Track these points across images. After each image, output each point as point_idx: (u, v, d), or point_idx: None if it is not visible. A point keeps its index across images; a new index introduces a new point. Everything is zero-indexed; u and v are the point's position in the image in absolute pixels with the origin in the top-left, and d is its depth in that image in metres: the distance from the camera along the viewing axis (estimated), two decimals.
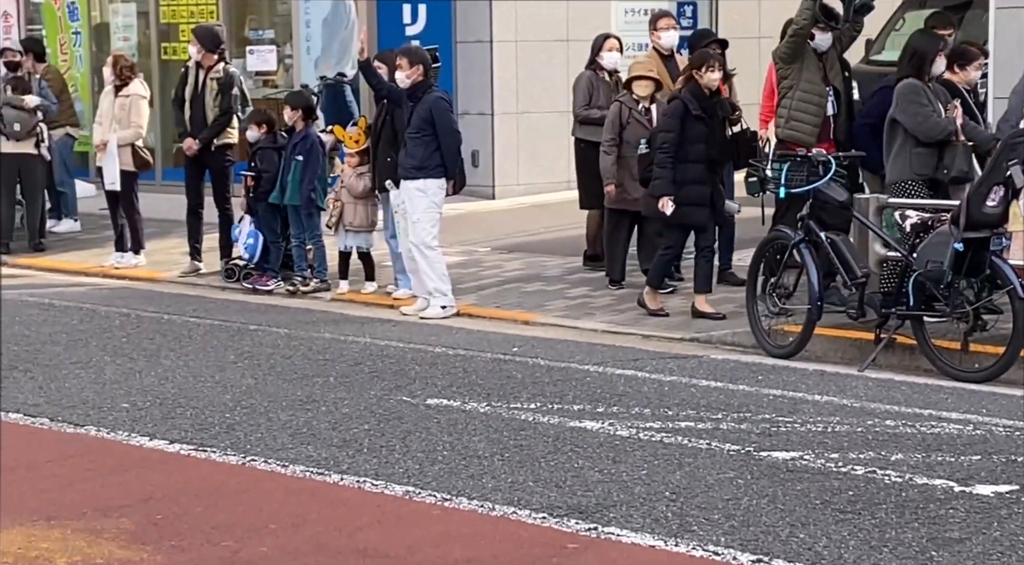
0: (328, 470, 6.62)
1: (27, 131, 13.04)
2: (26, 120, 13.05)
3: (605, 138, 10.78)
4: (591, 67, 11.58)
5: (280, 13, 15.98)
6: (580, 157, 11.65)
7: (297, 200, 11.32)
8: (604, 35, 11.74)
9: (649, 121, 10.64)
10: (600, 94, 11.44)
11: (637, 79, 10.73)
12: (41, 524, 5.84)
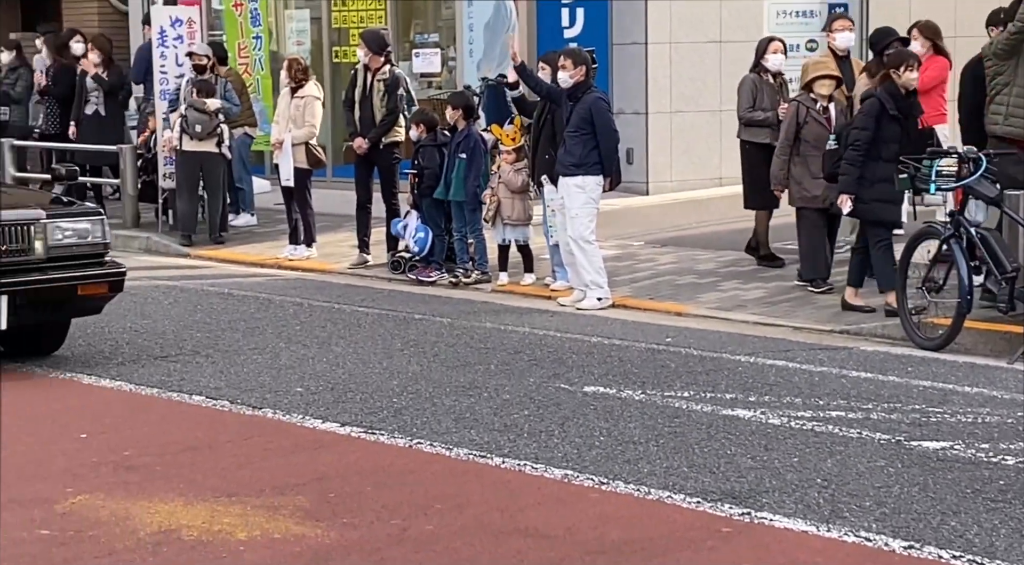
0: (490, 453, 6.84)
1: (208, 132, 13.53)
2: (207, 122, 13.48)
3: (780, 138, 10.80)
4: (755, 70, 11.67)
5: (444, 17, 16.28)
6: (745, 158, 11.75)
7: (462, 196, 11.62)
8: (768, 38, 11.85)
9: (828, 120, 10.67)
10: (764, 96, 11.52)
11: (820, 78, 10.73)
12: (223, 500, 6.09)
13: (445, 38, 16.10)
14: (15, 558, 5.43)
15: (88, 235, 8.74)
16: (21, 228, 8.44)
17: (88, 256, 8.74)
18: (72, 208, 9.03)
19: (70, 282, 8.59)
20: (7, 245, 8.38)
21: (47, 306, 8.62)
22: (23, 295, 8.39)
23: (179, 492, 6.23)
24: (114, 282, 8.83)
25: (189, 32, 14.80)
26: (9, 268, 8.35)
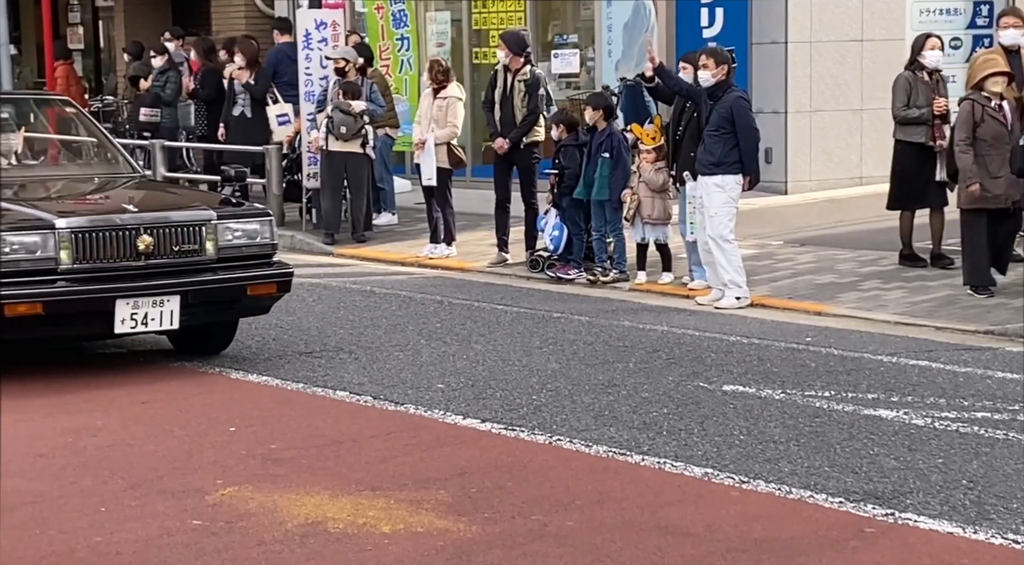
0: (630, 451, 6.87)
1: (353, 133, 13.71)
2: (351, 124, 13.66)
3: (959, 137, 10.58)
4: (910, 67, 11.53)
5: (583, 18, 16.32)
6: (898, 158, 11.59)
7: (604, 195, 11.64)
8: (925, 34, 11.69)
9: (1004, 117, 10.50)
10: (919, 94, 11.36)
11: (991, 76, 10.52)
12: (367, 494, 6.19)
13: (584, 39, 16.14)
14: (169, 547, 5.59)
15: (257, 236, 8.81)
16: (193, 229, 8.53)
17: (257, 256, 8.82)
18: (241, 209, 9.09)
19: (240, 282, 8.67)
20: (179, 245, 8.46)
21: (217, 306, 8.72)
22: (194, 295, 8.48)
23: (325, 485, 6.35)
24: (282, 282, 8.90)
25: (333, 35, 15.03)
26: (181, 268, 8.47)
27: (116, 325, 8.23)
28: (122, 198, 9.07)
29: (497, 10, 16.61)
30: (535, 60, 13.34)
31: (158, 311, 8.32)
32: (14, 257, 7.99)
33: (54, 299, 8.05)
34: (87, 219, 8.28)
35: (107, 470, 6.60)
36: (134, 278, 8.29)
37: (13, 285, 7.95)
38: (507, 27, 15.62)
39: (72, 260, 8.10)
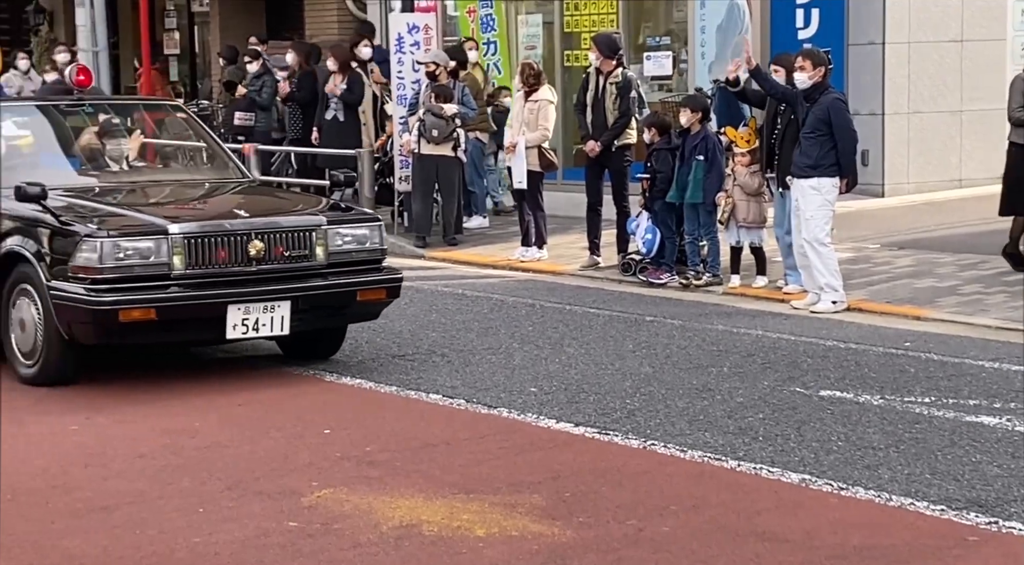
0: (725, 456, 6.82)
1: (444, 136, 13.75)
2: (443, 127, 13.72)
3: None
4: None
5: (676, 20, 16.24)
6: (1011, 162, 11.38)
7: (698, 198, 11.57)
8: None
9: None
10: None
11: None
12: (461, 497, 6.18)
13: (676, 40, 16.05)
14: (266, 548, 5.62)
15: (367, 241, 8.76)
16: (303, 234, 8.49)
17: (367, 262, 8.77)
18: (351, 214, 8.98)
19: (350, 287, 8.62)
20: (290, 251, 8.43)
21: (327, 311, 8.69)
22: (305, 300, 8.45)
23: (419, 488, 6.36)
24: (392, 287, 8.84)
25: (425, 39, 15.08)
26: (292, 274, 8.43)
27: (228, 331, 8.24)
28: (233, 203, 9.12)
29: (589, 12, 16.58)
30: (627, 62, 13.29)
31: (269, 317, 8.31)
32: (128, 263, 8.01)
33: (167, 305, 8.06)
34: (199, 224, 8.29)
35: (205, 471, 6.66)
36: (245, 284, 8.29)
37: (127, 290, 7.98)
38: (599, 29, 15.58)
39: (185, 266, 8.11)
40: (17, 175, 8.78)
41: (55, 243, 8.22)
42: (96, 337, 8.10)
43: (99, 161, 9.50)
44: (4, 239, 8.48)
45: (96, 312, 7.91)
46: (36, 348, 8.32)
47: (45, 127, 9.84)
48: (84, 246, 8.00)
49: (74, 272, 8.01)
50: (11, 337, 8.47)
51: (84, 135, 9.68)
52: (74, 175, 9.36)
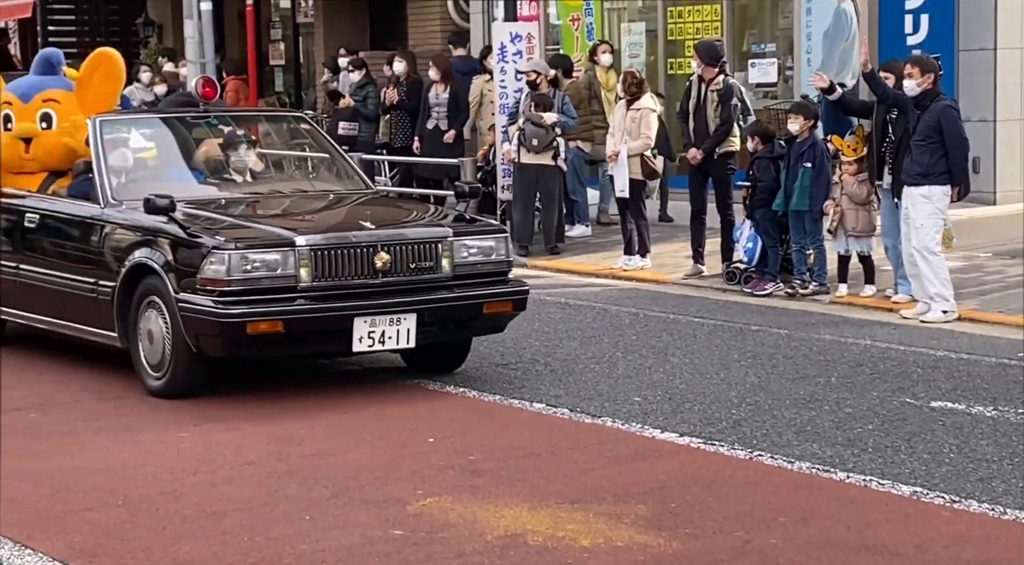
0: (834, 467, 6.73)
1: (544, 145, 13.77)
2: (543, 136, 13.72)
3: None
4: None
5: (781, 27, 16.09)
6: None
7: (805, 206, 11.46)
8: None
9: None
10: None
11: None
12: (566, 507, 6.16)
13: (782, 47, 15.92)
14: (371, 556, 5.64)
15: (492, 252, 8.65)
16: (429, 246, 8.39)
17: (493, 274, 8.66)
18: (476, 226, 8.89)
19: (476, 300, 8.52)
20: (416, 263, 8.33)
21: (454, 324, 8.61)
22: (431, 313, 8.36)
23: (523, 497, 6.35)
24: (518, 300, 8.73)
25: (528, 47, 15.10)
26: (417, 286, 8.35)
27: (354, 343, 8.16)
28: (358, 215, 9.04)
29: (693, 20, 16.49)
30: (731, 70, 13.19)
31: (395, 329, 8.22)
32: (255, 275, 7.97)
33: (295, 317, 8.01)
34: (325, 236, 8.23)
35: (311, 479, 6.70)
36: (371, 296, 8.21)
37: (254, 303, 7.96)
38: (703, 37, 15.49)
39: (311, 278, 8.05)
40: (143, 187, 8.84)
41: (183, 255, 8.20)
42: (224, 349, 8.10)
43: (223, 173, 9.48)
44: (132, 251, 8.50)
45: (224, 324, 7.91)
46: (164, 360, 8.30)
47: (169, 139, 9.87)
48: (212, 258, 7.98)
49: (202, 284, 8.00)
50: (139, 349, 8.47)
51: (207, 147, 9.64)
52: (198, 187, 9.35)
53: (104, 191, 8.94)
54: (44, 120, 9.86)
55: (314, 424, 7.73)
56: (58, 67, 10.10)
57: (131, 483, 6.65)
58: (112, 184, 8.98)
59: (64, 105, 9.94)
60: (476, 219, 9.18)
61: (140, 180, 9.19)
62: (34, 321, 9.47)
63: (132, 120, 10.03)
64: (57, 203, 9.49)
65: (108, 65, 9.85)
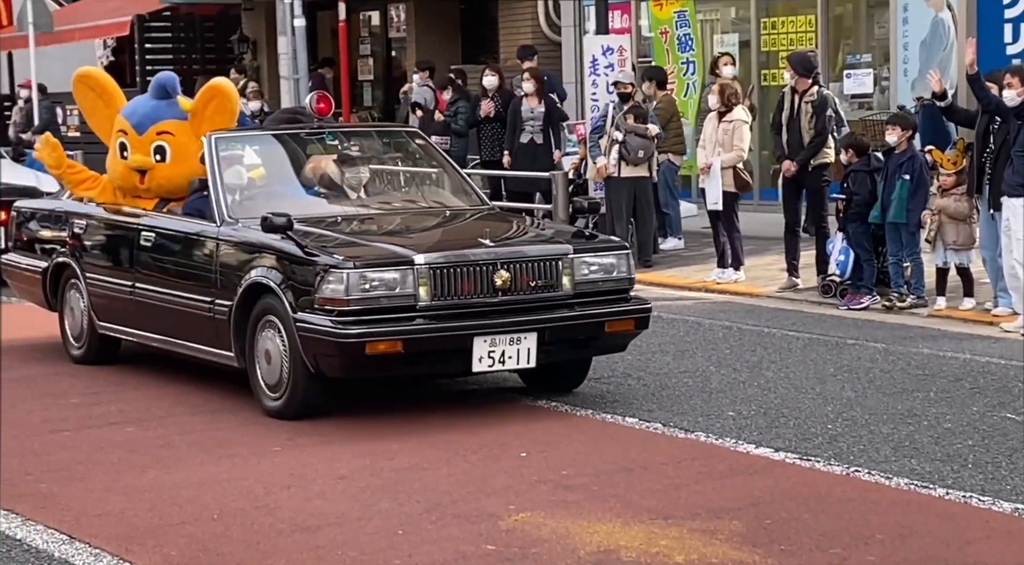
0: (933, 484, 6.64)
1: (648, 156, 13.72)
2: (648, 147, 13.69)
3: None
4: None
5: (877, 37, 15.94)
6: None
7: (902, 218, 11.32)
8: None
9: None
10: None
11: None
12: (659, 522, 6.13)
13: (878, 58, 15.75)
14: None
15: (614, 270, 8.45)
16: (549, 263, 8.20)
17: (614, 291, 8.45)
18: (597, 242, 8.70)
19: (598, 318, 8.31)
20: (536, 281, 8.15)
21: (574, 343, 8.41)
22: (552, 332, 8.16)
23: (616, 513, 6.31)
24: (640, 318, 8.52)
25: (620, 60, 15.07)
26: (538, 304, 8.17)
27: (474, 363, 8.00)
28: (476, 231, 8.80)
29: (787, 31, 16.37)
30: (826, 81, 13.06)
31: (515, 349, 8.04)
32: (374, 294, 7.84)
33: (414, 337, 7.86)
34: (444, 254, 8.07)
35: (404, 493, 6.71)
36: (491, 315, 8.05)
37: (373, 322, 7.81)
38: (797, 48, 15.37)
39: (430, 297, 7.91)
40: (258, 205, 8.77)
41: (300, 274, 8.05)
42: (342, 370, 7.97)
43: (337, 189, 9.30)
44: (249, 270, 8.38)
45: (342, 345, 7.77)
46: (282, 381, 8.17)
47: (283, 156, 9.74)
48: (330, 277, 7.84)
49: (320, 304, 7.86)
50: (256, 369, 8.34)
51: (321, 163, 9.46)
52: (313, 204, 9.14)
53: (220, 209, 8.84)
54: (158, 152, 9.66)
55: (407, 439, 7.75)
56: (173, 93, 9.80)
57: (226, 497, 6.70)
58: (228, 202, 8.88)
59: (178, 137, 9.67)
60: (595, 235, 8.99)
61: (255, 197, 9.11)
62: (149, 340, 9.39)
63: (246, 137, 9.89)
64: (173, 221, 9.36)
65: (221, 98, 9.62)
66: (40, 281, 10.39)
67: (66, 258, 10.09)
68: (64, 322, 10.20)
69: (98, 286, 9.73)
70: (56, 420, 8.34)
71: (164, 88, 9.83)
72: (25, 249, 10.77)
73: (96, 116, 10.28)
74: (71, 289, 10.09)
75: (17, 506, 6.62)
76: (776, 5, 16.61)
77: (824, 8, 15.98)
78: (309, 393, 8.14)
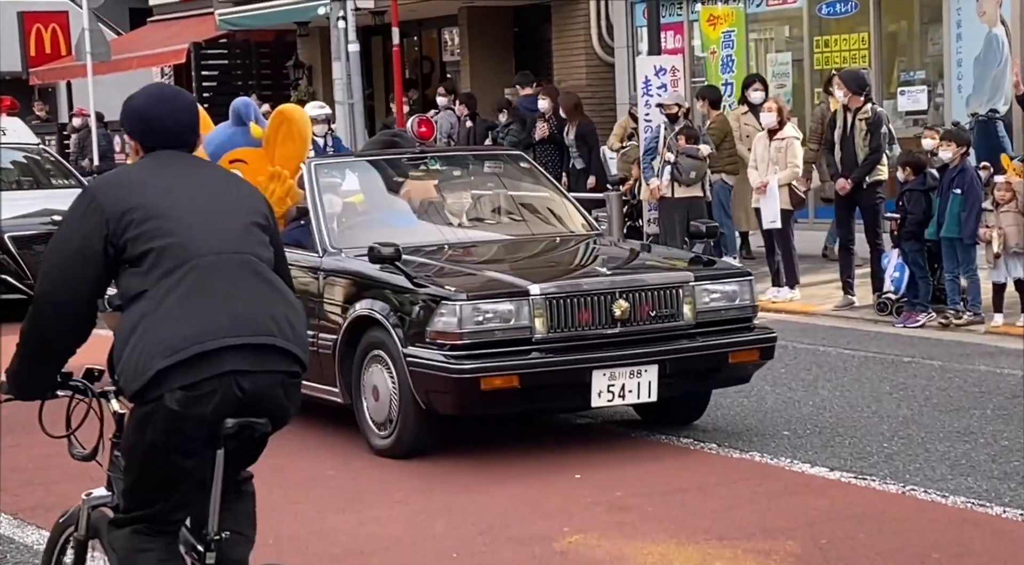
0: (990, 502, 6.59)
1: (701, 176, 13.73)
2: (700, 167, 13.69)
3: None
4: None
5: (931, 53, 15.85)
6: None
7: (955, 232, 11.27)
8: None
9: None
10: None
11: None
12: (714, 543, 6.11)
13: (932, 74, 15.67)
14: None
15: (736, 297, 8.02)
16: (669, 292, 7.78)
17: (737, 320, 8.03)
18: (718, 269, 8.31)
19: (721, 349, 7.90)
20: (656, 310, 7.74)
21: (696, 376, 8.02)
22: (673, 364, 7.74)
23: (670, 533, 6.31)
24: (765, 348, 8.07)
25: (672, 81, 15.08)
26: (658, 335, 7.77)
27: (592, 398, 7.59)
28: (589, 259, 8.51)
29: (840, 49, 16.32)
30: (880, 99, 13.00)
31: (635, 382, 7.63)
32: (488, 326, 7.44)
33: (530, 371, 7.45)
34: (560, 284, 7.68)
35: (458, 516, 6.73)
36: (609, 347, 7.64)
37: (487, 357, 7.42)
38: (850, 66, 15.32)
39: (547, 329, 7.50)
40: (361, 234, 8.42)
41: (409, 306, 7.67)
42: (455, 407, 7.58)
43: (440, 216, 8.97)
44: (354, 302, 8.02)
45: (457, 380, 7.37)
46: (391, 418, 7.79)
47: (384, 182, 9.33)
48: (442, 310, 7.46)
49: (432, 338, 7.48)
50: (363, 406, 7.98)
51: (422, 188, 9.11)
52: (416, 231, 8.70)
53: (323, 239, 8.46)
54: None
55: (461, 461, 7.76)
56: (247, 120, 9.14)
57: (280, 521, 6.73)
58: (330, 231, 8.51)
59: (251, 165, 9.14)
60: (714, 261, 8.66)
61: (357, 226, 8.74)
62: None
63: (346, 163, 9.53)
64: None
65: (288, 124, 9.13)
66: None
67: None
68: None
69: None
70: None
71: (238, 114, 9.32)
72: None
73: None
74: None
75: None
76: (830, 23, 16.56)
77: (877, 25, 15.91)
78: (420, 431, 7.75)
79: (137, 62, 25.00)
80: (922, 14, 16.03)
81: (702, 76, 17.43)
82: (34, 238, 13.19)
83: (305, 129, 9.25)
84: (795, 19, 17.07)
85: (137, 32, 27.90)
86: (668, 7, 17.65)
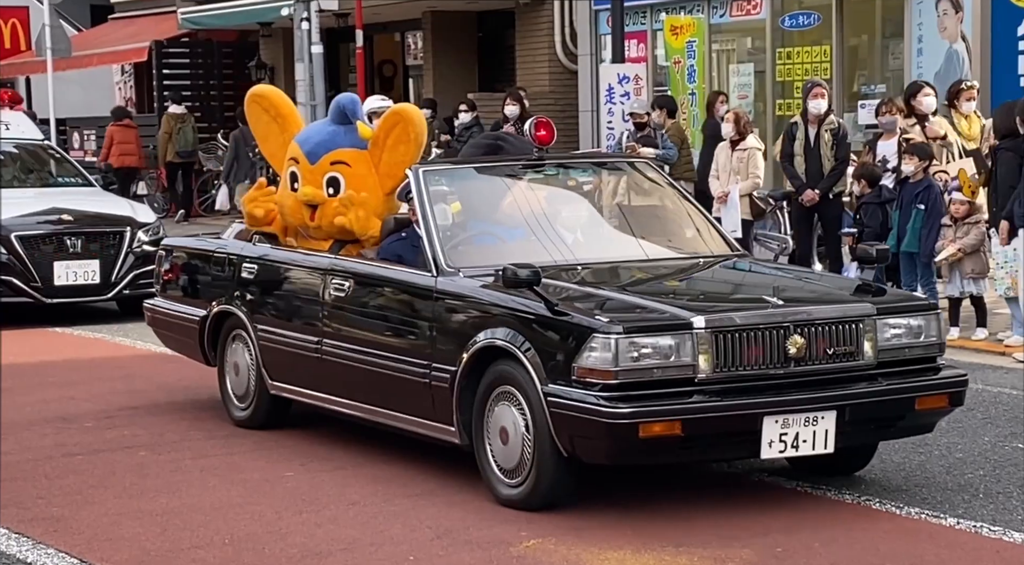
0: (944, 513, 6.63)
1: None
2: None
3: None
4: None
5: (892, 68, 15.99)
6: None
7: (915, 247, 11.34)
8: None
9: None
10: None
11: None
12: (670, 550, 6.14)
13: (893, 89, 15.79)
14: None
15: (922, 333, 6.91)
16: (848, 326, 6.71)
17: (922, 360, 6.96)
18: (901, 299, 7.29)
19: (907, 393, 6.83)
20: (833, 347, 6.70)
21: (878, 423, 6.93)
22: (853, 410, 6.70)
23: (627, 540, 6.32)
24: (955, 393, 6.99)
25: (636, 89, 15.14)
26: (836, 376, 6.73)
27: (762, 449, 6.57)
28: (755, 286, 7.50)
29: (802, 61, 16.43)
30: (841, 110, 13.11)
31: (810, 431, 6.58)
32: (646, 364, 6.44)
33: (695, 416, 6.46)
34: (727, 316, 6.62)
35: (415, 519, 6.72)
36: (781, 390, 6.62)
37: (646, 399, 6.42)
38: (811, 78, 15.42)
39: (711, 367, 6.48)
40: (475, 251, 7.56)
41: (549, 338, 6.64)
42: (608, 455, 6.57)
43: (559, 231, 7.75)
44: (478, 330, 6.98)
45: (611, 426, 6.35)
46: (522, 464, 6.78)
47: (498, 193, 8.01)
48: (593, 343, 6.41)
49: (579, 375, 6.44)
50: (487, 449, 6.96)
51: (531, 199, 7.93)
52: (534, 248, 7.51)
53: (436, 257, 7.34)
54: (331, 185, 8.33)
55: (420, 465, 7.75)
56: (352, 118, 8.38)
57: (237, 522, 6.71)
58: (444, 248, 7.42)
59: (354, 168, 8.32)
60: (883, 289, 7.45)
61: (471, 241, 7.70)
62: (339, 406, 7.98)
63: (457, 171, 8.25)
64: (374, 268, 7.86)
65: (403, 127, 8.24)
66: (197, 331, 8.93)
67: (230, 306, 8.64)
68: (225, 380, 8.82)
69: (272, 341, 8.31)
70: (69, 444, 8.37)
71: (343, 112, 8.45)
72: (176, 294, 9.32)
73: (270, 142, 8.96)
74: (235, 341, 8.68)
75: (28, 530, 6.65)
76: (792, 35, 16.67)
77: (839, 38, 16.04)
78: (558, 480, 6.73)
79: (98, 59, 24.89)
80: (884, 28, 16.17)
81: (666, 85, 17.51)
82: (42, 238, 12.70)
83: (422, 133, 8.40)
84: (758, 31, 17.19)
85: (98, 29, 27.77)
86: (632, 16, 17.74)
